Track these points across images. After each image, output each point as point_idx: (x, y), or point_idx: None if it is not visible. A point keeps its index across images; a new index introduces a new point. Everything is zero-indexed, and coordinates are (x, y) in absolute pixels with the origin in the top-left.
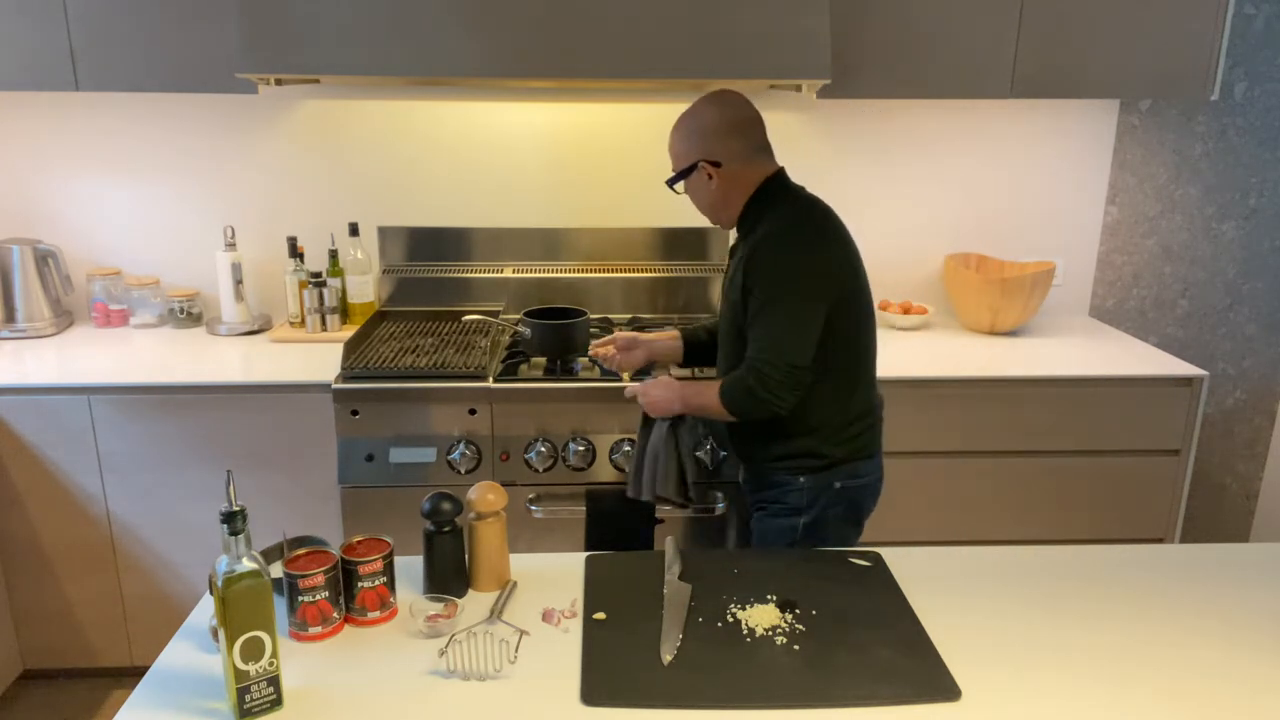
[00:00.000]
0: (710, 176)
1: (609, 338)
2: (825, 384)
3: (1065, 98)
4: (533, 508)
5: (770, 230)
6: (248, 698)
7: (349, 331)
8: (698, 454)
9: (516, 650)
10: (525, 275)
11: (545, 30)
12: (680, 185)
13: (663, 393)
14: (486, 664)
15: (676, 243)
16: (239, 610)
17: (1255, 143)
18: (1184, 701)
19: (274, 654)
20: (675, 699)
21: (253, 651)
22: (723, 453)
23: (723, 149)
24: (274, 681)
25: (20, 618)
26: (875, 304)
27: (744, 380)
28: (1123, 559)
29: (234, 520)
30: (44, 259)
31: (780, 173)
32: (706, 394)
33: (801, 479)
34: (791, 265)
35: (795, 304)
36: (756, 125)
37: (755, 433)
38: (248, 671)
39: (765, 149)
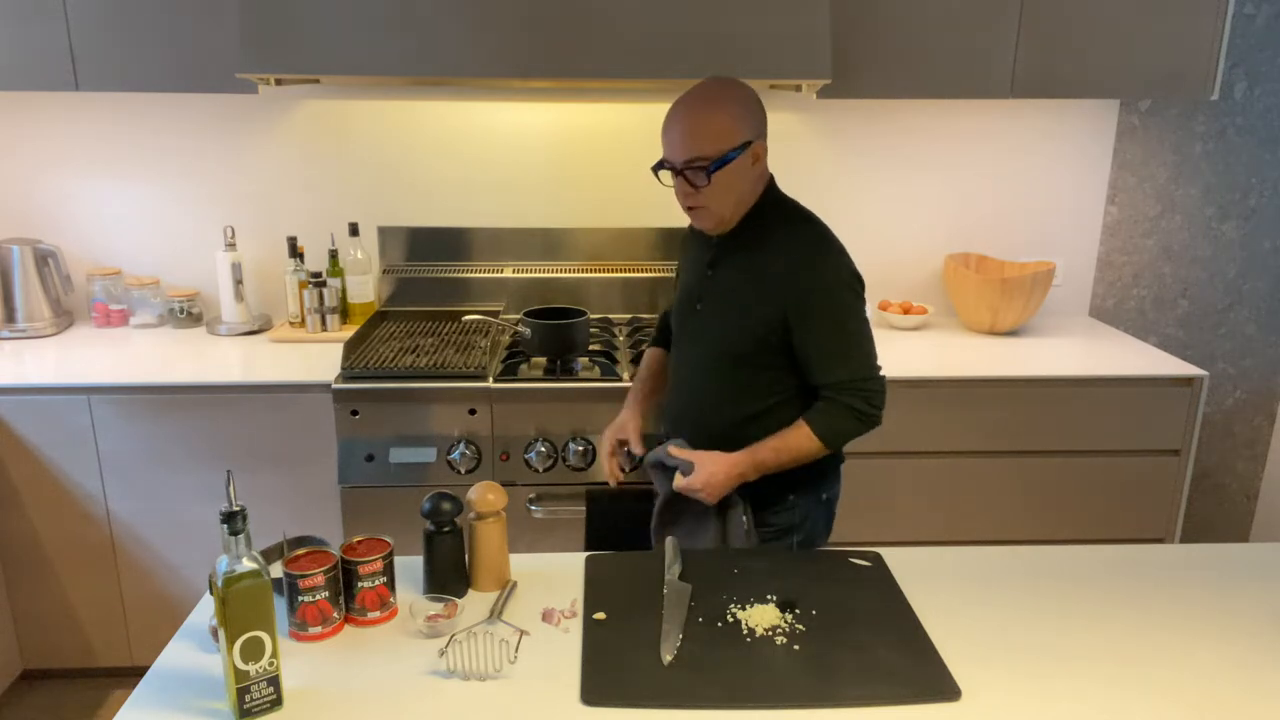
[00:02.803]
0: (755, 160)
1: (610, 455)
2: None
3: (1065, 98)
4: (533, 508)
5: (811, 245)
6: (248, 698)
7: (349, 331)
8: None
9: (516, 650)
10: (525, 275)
11: (545, 30)
12: (718, 174)
13: (721, 471)
14: (486, 664)
15: (676, 243)
16: (239, 610)
17: (1255, 143)
18: (1184, 701)
19: (274, 654)
20: (675, 699)
21: (253, 651)
22: None
23: (766, 131)
24: (274, 681)
25: (20, 618)
26: (875, 304)
27: (845, 404)
28: (1123, 559)
29: (234, 520)
30: (44, 259)
31: (773, 179)
32: (791, 445)
33: (791, 497)
34: (850, 277)
35: (862, 312)
36: None
37: (734, 450)
38: (248, 671)
39: None
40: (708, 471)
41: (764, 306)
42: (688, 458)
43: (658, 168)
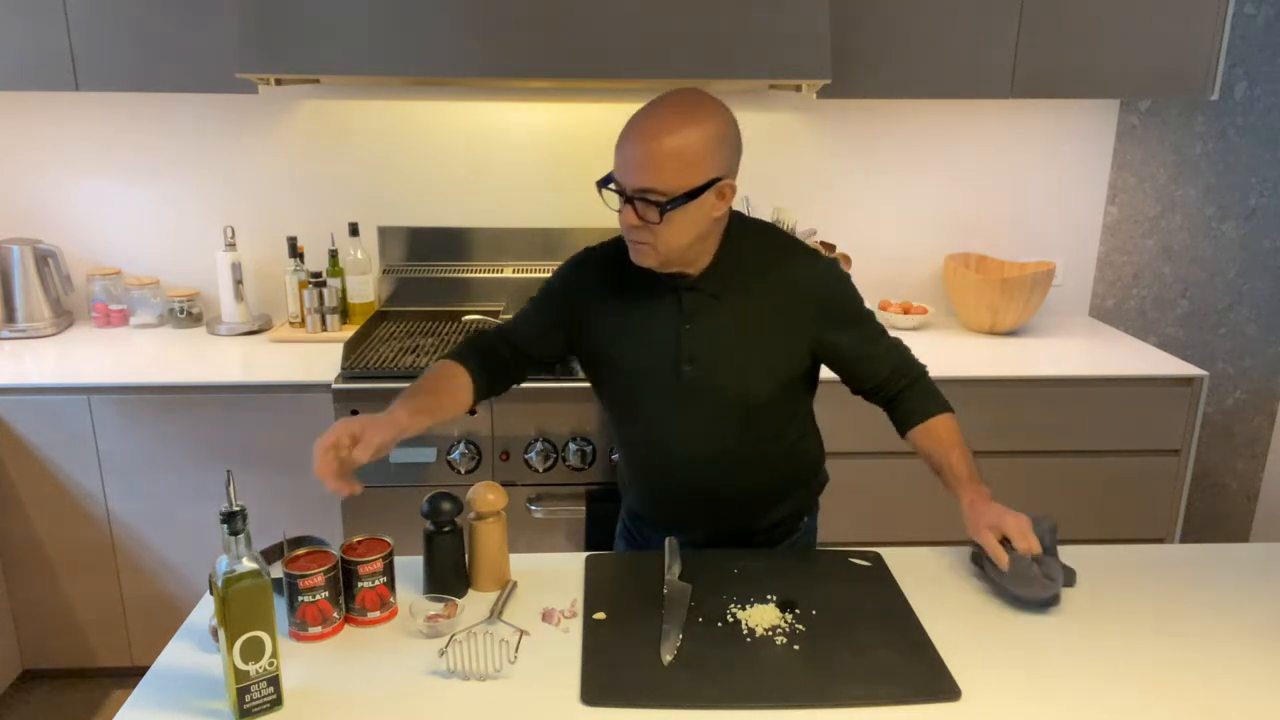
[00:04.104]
0: (721, 198)
1: (330, 448)
2: (811, 402)
3: (1065, 98)
4: (533, 508)
5: (801, 253)
6: (248, 698)
7: (349, 331)
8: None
9: (516, 650)
10: (525, 275)
11: (545, 30)
12: (675, 212)
13: (1001, 510)
14: (486, 664)
15: None
16: (239, 610)
17: (1255, 143)
18: (1184, 701)
19: (274, 654)
20: (675, 699)
21: (253, 652)
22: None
23: (737, 166)
24: (274, 681)
25: (20, 618)
26: (876, 304)
27: (919, 373)
28: (1123, 559)
29: (234, 520)
30: (44, 259)
31: None
32: (956, 439)
33: (805, 519)
34: (848, 276)
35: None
36: None
37: (764, 498)
38: (248, 672)
39: None
40: (1013, 521)
41: (794, 338)
42: (992, 546)
43: (603, 184)
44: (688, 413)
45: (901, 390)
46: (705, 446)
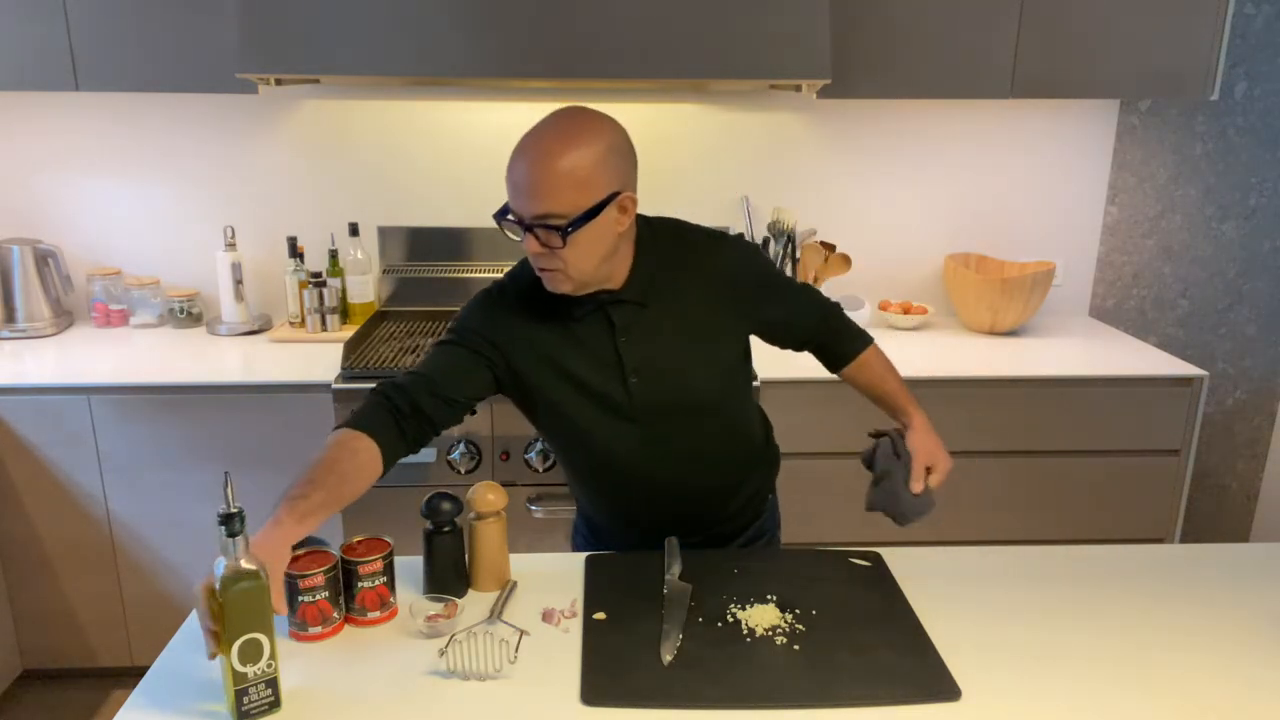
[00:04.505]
0: (623, 211)
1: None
2: (749, 383)
3: (1065, 98)
4: (533, 508)
5: (726, 243)
6: (246, 700)
7: (349, 331)
8: None
9: (516, 650)
10: None
11: (545, 30)
12: (577, 233)
13: (935, 440)
14: (486, 664)
15: None
16: (237, 613)
17: (1255, 143)
18: (1184, 701)
19: (272, 656)
20: (675, 699)
21: (251, 654)
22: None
23: (634, 177)
24: (272, 684)
25: (20, 618)
26: (875, 304)
27: (834, 312)
28: (1123, 559)
29: (231, 522)
30: (44, 259)
31: None
32: (889, 370)
33: (771, 497)
34: (761, 253)
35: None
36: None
37: (733, 486)
38: (246, 674)
39: None
40: (931, 450)
41: (734, 329)
42: (919, 473)
43: (500, 217)
44: (643, 424)
45: (825, 334)
46: (665, 453)
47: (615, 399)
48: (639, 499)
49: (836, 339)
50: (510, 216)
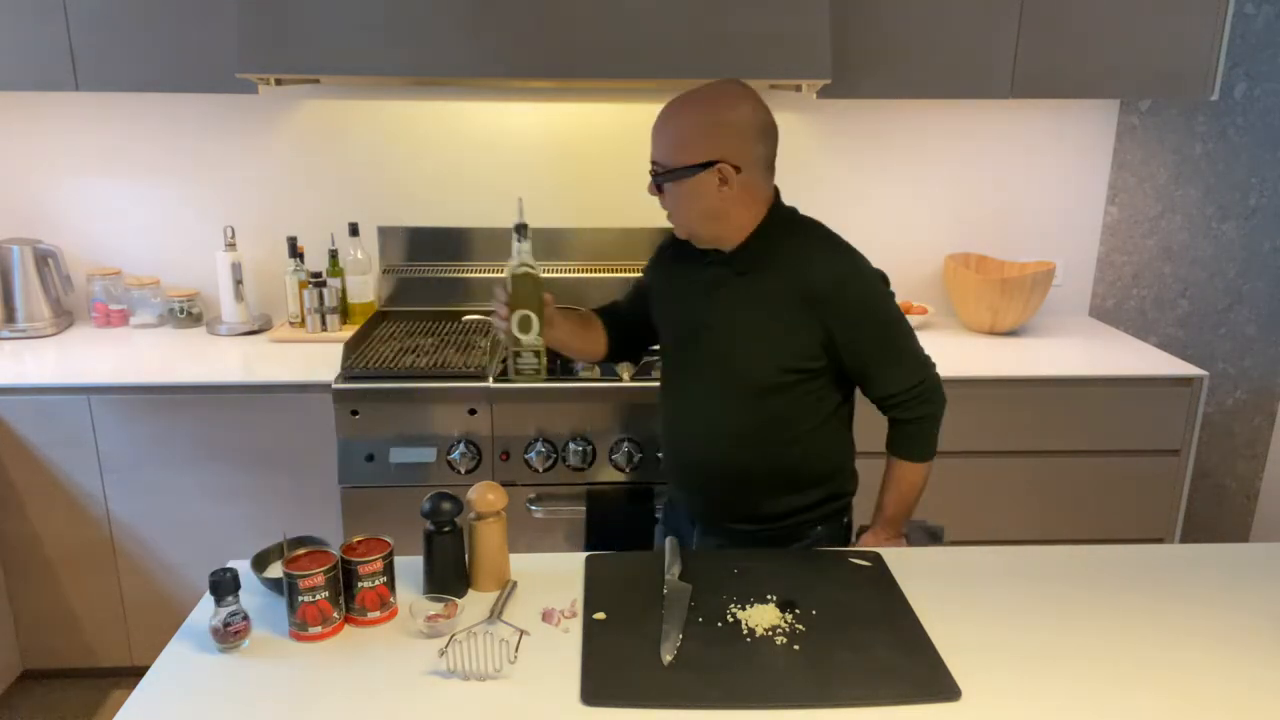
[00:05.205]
0: (723, 182)
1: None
2: (844, 409)
3: (1065, 98)
4: (533, 508)
5: (835, 251)
6: (520, 360)
7: (349, 331)
8: None
9: (516, 650)
10: None
11: (545, 30)
12: (671, 184)
13: (878, 539)
14: (486, 664)
15: None
16: (520, 293)
17: (1255, 143)
18: (1184, 701)
19: (539, 332)
20: (675, 699)
21: (524, 326)
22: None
23: (749, 154)
24: (538, 354)
25: (20, 618)
26: None
27: (922, 417)
28: (1123, 559)
29: (521, 231)
30: (44, 259)
31: (779, 194)
32: (905, 491)
33: (819, 529)
34: (884, 287)
35: (903, 318)
36: (776, 134)
37: (761, 487)
38: (520, 340)
39: (773, 164)
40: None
41: (802, 330)
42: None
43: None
44: (700, 379)
45: (903, 419)
46: (714, 416)
47: (690, 346)
48: (683, 451)
49: (905, 429)
50: None
